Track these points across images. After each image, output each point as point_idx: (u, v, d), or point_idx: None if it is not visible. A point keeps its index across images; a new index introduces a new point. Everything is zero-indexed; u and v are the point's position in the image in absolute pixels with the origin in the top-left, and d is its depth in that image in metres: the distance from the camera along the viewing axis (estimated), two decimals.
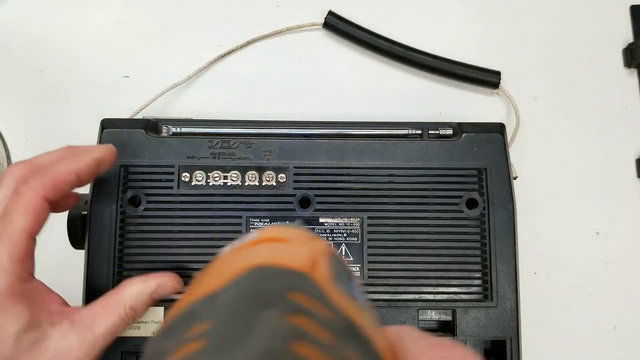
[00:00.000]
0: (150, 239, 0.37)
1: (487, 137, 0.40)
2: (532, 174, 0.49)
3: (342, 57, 0.51)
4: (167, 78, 0.49)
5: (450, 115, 0.50)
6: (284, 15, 0.52)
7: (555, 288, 0.48)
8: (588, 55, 0.52)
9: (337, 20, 0.50)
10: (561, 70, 0.51)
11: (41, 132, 0.49)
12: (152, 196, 0.38)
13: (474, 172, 0.39)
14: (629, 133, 0.50)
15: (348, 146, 0.39)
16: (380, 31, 0.50)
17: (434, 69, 0.50)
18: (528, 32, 0.52)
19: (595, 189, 0.49)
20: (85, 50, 0.51)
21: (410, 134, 0.41)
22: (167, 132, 0.40)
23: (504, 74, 0.50)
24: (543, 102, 0.51)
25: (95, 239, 0.37)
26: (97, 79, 0.50)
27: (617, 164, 0.50)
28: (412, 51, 0.50)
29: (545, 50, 0.52)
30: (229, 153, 0.39)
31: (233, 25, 0.52)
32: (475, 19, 0.53)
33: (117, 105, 0.49)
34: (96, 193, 0.37)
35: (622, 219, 0.49)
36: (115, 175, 0.38)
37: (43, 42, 0.51)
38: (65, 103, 0.50)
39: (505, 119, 0.50)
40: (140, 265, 0.37)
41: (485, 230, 0.38)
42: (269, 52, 0.51)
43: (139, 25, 0.52)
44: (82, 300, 0.36)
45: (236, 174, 0.39)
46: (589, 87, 0.51)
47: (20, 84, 0.50)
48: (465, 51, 0.51)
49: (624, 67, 0.52)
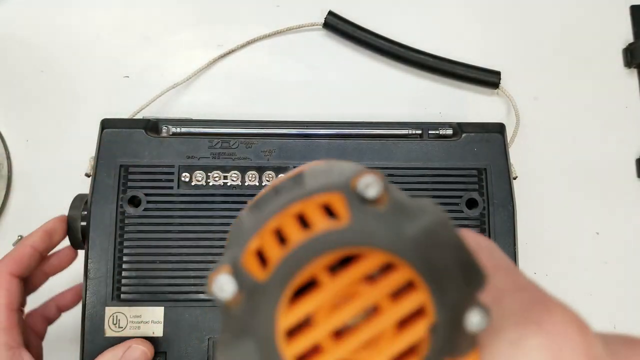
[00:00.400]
0: (150, 239, 0.37)
1: (487, 137, 0.40)
2: (532, 174, 0.49)
3: (342, 57, 0.51)
4: (167, 78, 0.49)
5: (450, 115, 0.50)
6: (284, 15, 0.52)
7: (555, 288, 0.48)
8: (588, 55, 0.52)
9: (337, 20, 0.50)
10: (561, 70, 0.51)
11: (41, 132, 0.49)
12: (152, 196, 0.38)
13: (474, 172, 0.39)
14: (629, 133, 0.50)
15: (348, 146, 0.39)
16: (380, 31, 0.50)
17: (434, 69, 0.50)
18: (528, 32, 0.52)
19: (595, 189, 0.49)
20: (85, 50, 0.51)
21: (410, 134, 0.41)
22: (167, 132, 0.40)
23: (504, 74, 0.49)
24: (543, 102, 0.51)
25: (95, 239, 0.37)
26: (97, 79, 0.50)
27: (617, 164, 0.50)
28: (412, 51, 0.50)
29: (545, 50, 0.52)
30: (229, 153, 0.39)
31: (233, 25, 0.52)
32: (476, 19, 0.53)
33: (117, 105, 0.49)
34: (96, 193, 0.37)
35: (622, 219, 0.49)
36: (115, 175, 0.38)
37: (43, 42, 0.51)
38: (65, 103, 0.50)
39: (505, 119, 0.50)
40: (140, 265, 0.37)
41: (485, 230, 0.38)
42: (269, 52, 0.51)
43: (139, 25, 0.52)
44: (83, 300, 0.36)
45: (236, 174, 0.39)
46: (589, 87, 0.51)
47: (20, 84, 0.50)
48: (466, 51, 0.51)
49: (624, 67, 0.52)
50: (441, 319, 0.12)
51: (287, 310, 0.11)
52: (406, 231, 0.12)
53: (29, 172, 0.49)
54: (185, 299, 0.37)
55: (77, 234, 0.37)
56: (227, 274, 0.12)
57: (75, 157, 0.46)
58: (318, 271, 0.12)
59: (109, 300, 0.36)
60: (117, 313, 0.36)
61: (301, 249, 0.12)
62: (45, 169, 0.49)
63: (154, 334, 0.36)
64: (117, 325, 0.36)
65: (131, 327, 0.36)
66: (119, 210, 0.37)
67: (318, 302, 0.12)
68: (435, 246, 0.12)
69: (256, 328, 0.11)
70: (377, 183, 0.12)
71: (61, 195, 0.41)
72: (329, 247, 0.12)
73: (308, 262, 0.12)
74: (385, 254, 0.12)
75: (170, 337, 0.36)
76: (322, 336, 0.12)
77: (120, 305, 0.36)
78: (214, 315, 0.36)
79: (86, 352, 0.36)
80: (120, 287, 0.37)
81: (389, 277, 0.12)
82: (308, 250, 0.12)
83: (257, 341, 0.11)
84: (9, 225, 0.48)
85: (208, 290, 0.12)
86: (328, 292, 0.12)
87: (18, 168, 0.49)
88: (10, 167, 0.48)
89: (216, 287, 0.12)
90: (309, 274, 0.12)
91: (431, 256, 0.12)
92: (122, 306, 0.36)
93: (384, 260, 0.12)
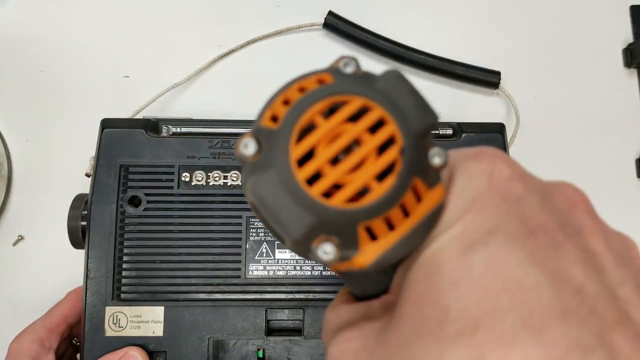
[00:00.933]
0: (150, 239, 0.37)
1: (487, 137, 0.40)
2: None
3: None
4: (167, 78, 0.49)
5: (450, 115, 0.50)
6: (284, 15, 0.52)
7: None
8: (588, 55, 0.52)
9: (337, 20, 0.50)
10: (561, 70, 0.51)
11: (41, 132, 0.49)
12: (152, 196, 0.38)
13: None
14: (629, 133, 0.50)
15: None
16: (380, 31, 0.50)
17: (434, 69, 0.50)
18: (528, 32, 0.52)
19: (595, 189, 0.49)
20: (85, 50, 0.51)
21: None
22: (167, 132, 0.40)
23: (504, 74, 0.50)
24: (543, 102, 0.51)
25: (95, 239, 0.37)
26: (97, 79, 0.50)
27: (617, 164, 0.50)
28: (412, 51, 0.50)
29: (545, 50, 0.52)
30: (229, 153, 0.39)
31: (233, 25, 0.52)
32: (476, 19, 0.53)
33: (117, 105, 0.49)
34: (96, 193, 0.37)
35: (622, 219, 0.49)
36: (115, 175, 0.38)
37: (43, 42, 0.51)
38: (65, 103, 0.50)
39: (505, 119, 0.50)
40: (140, 265, 0.37)
41: None
42: (269, 52, 0.51)
43: (139, 25, 0.52)
44: (83, 301, 0.36)
45: (236, 174, 0.39)
46: (589, 87, 0.51)
47: (20, 84, 0.50)
48: (465, 51, 0.51)
49: (624, 67, 0.52)
50: (407, 143, 0.16)
51: (296, 145, 0.16)
52: (374, 85, 0.16)
53: (29, 172, 0.49)
54: (185, 298, 0.37)
55: (77, 234, 0.37)
56: (250, 137, 0.16)
57: (75, 157, 0.46)
58: (315, 116, 0.16)
59: (109, 300, 0.36)
60: (117, 313, 0.36)
61: (300, 102, 0.16)
62: (45, 169, 0.49)
63: (154, 333, 0.36)
64: (117, 324, 0.36)
65: (131, 326, 0.36)
66: (119, 210, 0.37)
67: (317, 137, 0.16)
68: (396, 92, 0.16)
69: (275, 160, 0.16)
70: (352, 62, 0.17)
71: (61, 195, 0.41)
72: (320, 96, 0.16)
73: (306, 109, 0.16)
74: (360, 99, 0.16)
75: (170, 337, 0.36)
76: (322, 162, 0.16)
77: (121, 305, 0.36)
78: (214, 315, 0.36)
79: (86, 352, 0.36)
80: (121, 287, 0.37)
81: (366, 116, 0.16)
82: (305, 101, 0.16)
83: (277, 169, 0.16)
84: (9, 225, 0.48)
85: (236, 153, 0.16)
86: (323, 129, 0.16)
87: (18, 168, 0.49)
88: (10, 167, 0.48)
89: (242, 146, 0.16)
90: (308, 119, 0.16)
91: (394, 98, 0.16)
92: (122, 306, 0.36)
93: (361, 103, 0.16)
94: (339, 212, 0.15)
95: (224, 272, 0.37)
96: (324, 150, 0.16)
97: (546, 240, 0.16)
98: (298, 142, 0.16)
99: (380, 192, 0.16)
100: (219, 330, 0.36)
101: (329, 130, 0.16)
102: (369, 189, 0.16)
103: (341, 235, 0.16)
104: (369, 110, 0.16)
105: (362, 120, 0.16)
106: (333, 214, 0.15)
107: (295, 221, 0.15)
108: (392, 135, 0.16)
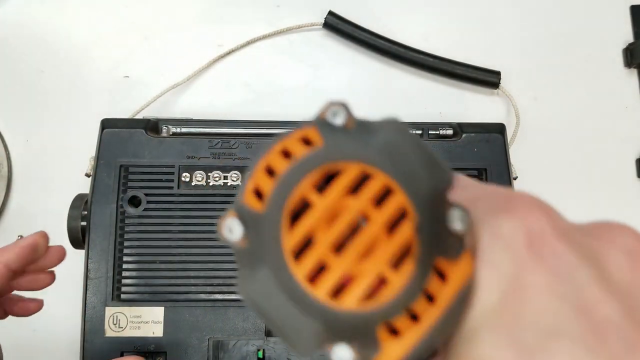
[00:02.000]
0: (150, 239, 0.37)
1: (487, 137, 0.40)
2: (532, 174, 0.49)
3: (342, 57, 0.51)
4: (167, 78, 0.49)
5: (450, 115, 0.50)
6: (284, 15, 0.52)
7: None
8: (588, 55, 0.52)
9: (337, 20, 0.50)
10: (561, 70, 0.51)
11: (41, 132, 0.49)
12: (152, 196, 0.38)
13: (474, 172, 0.39)
14: (629, 133, 0.50)
15: None
16: (380, 31, 0.50)
17: (434, 69, 0.50)
18: (528, 32, 0.52)
19: (596, 189, 0.49)
20: (85, 50, 0.51)
21: None
22: (167, 132, 0.40)
23: (504, 74, 0.49)
24: (543, 102, 0.51)
25: (95, 239, 0.37)
26: (97, 79, 0.50)
27: (617, 164, 0.50)
28: (412, 51, 0.50)
29: (545, 50, 0.52)
30: (229, 153, 0.39)
31: (233, 25, 0.52)
32: (476, 19, 0.53)
33: (117, 105, 0.49)
34: (96, 193, 0.37)
35: (622, 219, 0.49)
36: (115, 175, 0.38)
37: (43, 42, 0.51)
38: (65, 103, 0.50)
39: (505, 119, 0.50)
40: (140, 265, 0.37)
41: None
42: (269, 52, 0.51)
43: (139, 25, 0.52)
44: (83, 301, 0.36)
45: (236, 174, 0.39)
46: (589, 87, 0.51)
47: (20, 84, 0.50)
48: (465, 51, 0.51)
49: (624, 67, 0.52)
50: (422, 217, 0.13)
51: (289, 232, 0.13)
52: (372, 142, 0.14)
53: (29, 172, 0.49)
54: (185, 299, 0.37)
55: (77, 234, 0.37)
56: (233, 217, 0.13)
57: (75, 157, 0.46)
58: (307, 192, 0.13)
59: (109, 301, 0.36)
60: (117, 313, 0.36)
61: (287, 175, 0.13)
62: (45, 169, 0.49)
63: (154, 334, 0.36)
64: (118, 325, 0.36)
65: (131, 327, 0.36)
66: (119, 210, 0.37)
67: (313, 219, 0.13)
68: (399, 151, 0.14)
69: (266, 254, 0.13)
70: (342, 110, 0.14)
71: (61, 195, 0.41)
72: (310, 167, 0.13)
73: (296, 185, 0.13)
74: (358, 165, 0.14)
75: (170, 337, 0.36)
76: (324, 251, 0.13)
77: (121, 306, 0.36)
78: (214, 315, 0.36)
79: (86, 352, 0.36)
80: (121, 287, 0.37)
81: (368, 185, 0.13)
82: (293, 174, 0.13)
83: (270, 266, 0.13)
84: (9, 225, 0.48)
85: (219, 235, 0.13)
86: (319, 209, 0.13)
87: (18, 168, 0.49)
88: (10, 167, 0.48)
89: (225, 230, 0.13)
90: (300, 196, 0.13)
91: (397, 160, 0.13)
92: (122, 306, 0.36)
93: (360, 170, 0.14)
94: (353, 316, 0.13)
95: (224, 273, 0.37)
96: (324, 235, 0.13)
97: (618, 341, 0.13)
98: (291, 226, 0.13)
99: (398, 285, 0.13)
100: (219, 330, 0.36)
101: (326, 209, 0.13)
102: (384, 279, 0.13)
103: (358, 339, 0.13)
104: (371, 178, 0.14)
105: (363, 191, 0.13)
106: (346, 318, 0.13)
107: (301, 333, 0.13)
108: (402, 207, 0.13)
